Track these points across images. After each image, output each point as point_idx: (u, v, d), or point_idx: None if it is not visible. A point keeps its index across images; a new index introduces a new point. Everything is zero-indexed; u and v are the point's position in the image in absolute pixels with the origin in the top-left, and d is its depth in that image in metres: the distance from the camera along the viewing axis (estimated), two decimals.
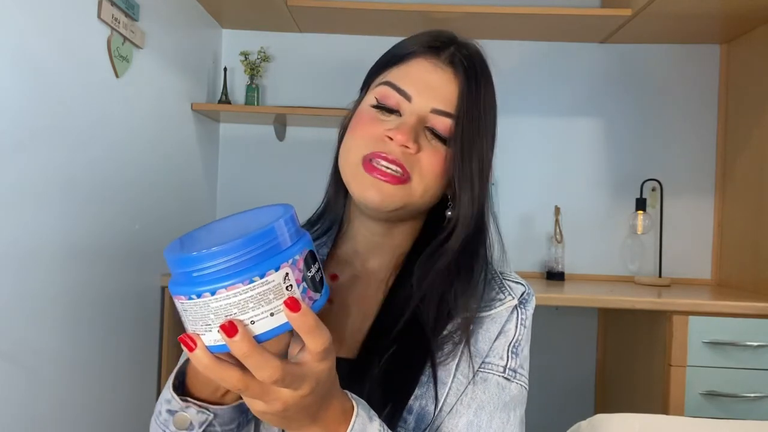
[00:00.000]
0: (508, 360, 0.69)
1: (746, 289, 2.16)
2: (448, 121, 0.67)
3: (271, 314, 0.44)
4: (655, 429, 1.22)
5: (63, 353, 1.42)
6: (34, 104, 1.29)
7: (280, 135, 2.46)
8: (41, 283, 1.33)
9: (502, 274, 0.75)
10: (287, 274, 0.44)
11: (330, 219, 0.77)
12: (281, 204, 0.51)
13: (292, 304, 0.45)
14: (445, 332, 0.67)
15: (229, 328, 0.44)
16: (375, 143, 0.66)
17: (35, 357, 1.32)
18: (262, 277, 0.43)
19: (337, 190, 0.75)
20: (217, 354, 0.46)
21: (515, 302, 0.72)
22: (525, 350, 0.72)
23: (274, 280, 0.44)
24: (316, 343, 0.47)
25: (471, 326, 0.68)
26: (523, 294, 0.73)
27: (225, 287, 0.43)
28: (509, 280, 0.74)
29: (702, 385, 1.81)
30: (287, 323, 0.45)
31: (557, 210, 2.41)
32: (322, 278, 0.49)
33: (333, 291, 0.71)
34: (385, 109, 0.68)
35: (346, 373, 0.61)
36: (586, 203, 2.44)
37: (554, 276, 2.35)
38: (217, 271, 0.43)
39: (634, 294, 1.97)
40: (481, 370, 0.68)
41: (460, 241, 0.68)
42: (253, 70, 2.36)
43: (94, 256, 1.52)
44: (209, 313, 0.44)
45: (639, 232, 2.32)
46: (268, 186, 2.47)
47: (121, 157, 1.66)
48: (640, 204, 2.32)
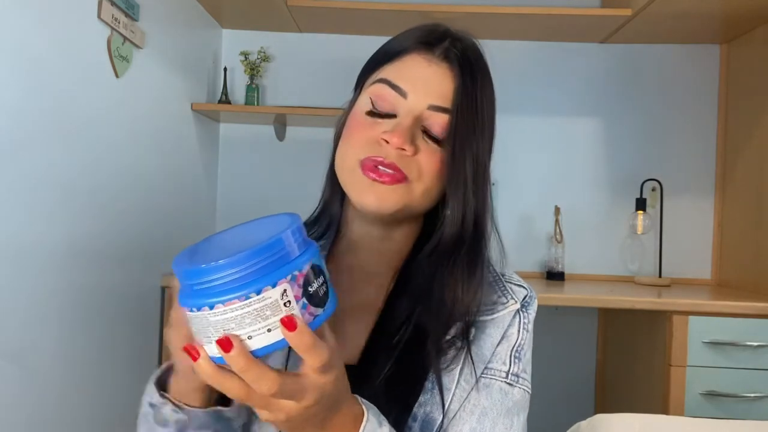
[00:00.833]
0: (510, 365, 0.69)
1: (746, 289, 2.16)
2: (445, 117, 0.65)
3: (268, 330, 0.45)
4: (655, 429, 1.22)
5: (63, 353, 1.42)
6: (33, 104, 1.29)
7: (280, 135, 2.46)
8: (41, 283, 1.33)
9: (503, 276, 0.74)
10: (285, 290, 0.44)
11: (327, 222, 0.76)
12: (288, 214, 0.51)
13: (289, 323, 0.45)
14: (447, 337, 0.66)
15: (226, 343, 0.44)
16: (371, 147, 0.65)
17: (35, 357, 1.32)
18: (258, 293, 0.43)
19: (333, 192, 0.74)
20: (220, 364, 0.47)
21: (517, 306, 0.71)
22: (528, 354, 0.71)
23: (270, 297, 0.44)
24: (314, 360, 0.47)
25: (473, 330, 0.67)
26: (525, 297, 0.72)
27: (223, 302, 0.44)
28: (511, 283, 0.73)
29: (702, 385, 1.81)
30: (284, 340, 0.45)
31: (557, 210, 2.41)
32: (327, 292, 0.48)
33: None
34: (379, 115, 0.67)
35: (349, 379, 0.62)
36: (586, 203, 2.44)
37: (554, 276, 2.35)
38: (217, 285, 0.44)
39: (634, 294, 1.97)
40: (483, 375, 0.67)
41: (453, 241, 0.67)
42: (253, 70, 2.36)
43: (94, 256, 1.52)
44: (209, 326, 0.45)
45: (639, 232, 2.32)
46: (268, 186, 2.47)
47: (121, 157, 1.66)
48: (640, 204, 2.32)
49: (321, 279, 0.48)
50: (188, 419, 0.57)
